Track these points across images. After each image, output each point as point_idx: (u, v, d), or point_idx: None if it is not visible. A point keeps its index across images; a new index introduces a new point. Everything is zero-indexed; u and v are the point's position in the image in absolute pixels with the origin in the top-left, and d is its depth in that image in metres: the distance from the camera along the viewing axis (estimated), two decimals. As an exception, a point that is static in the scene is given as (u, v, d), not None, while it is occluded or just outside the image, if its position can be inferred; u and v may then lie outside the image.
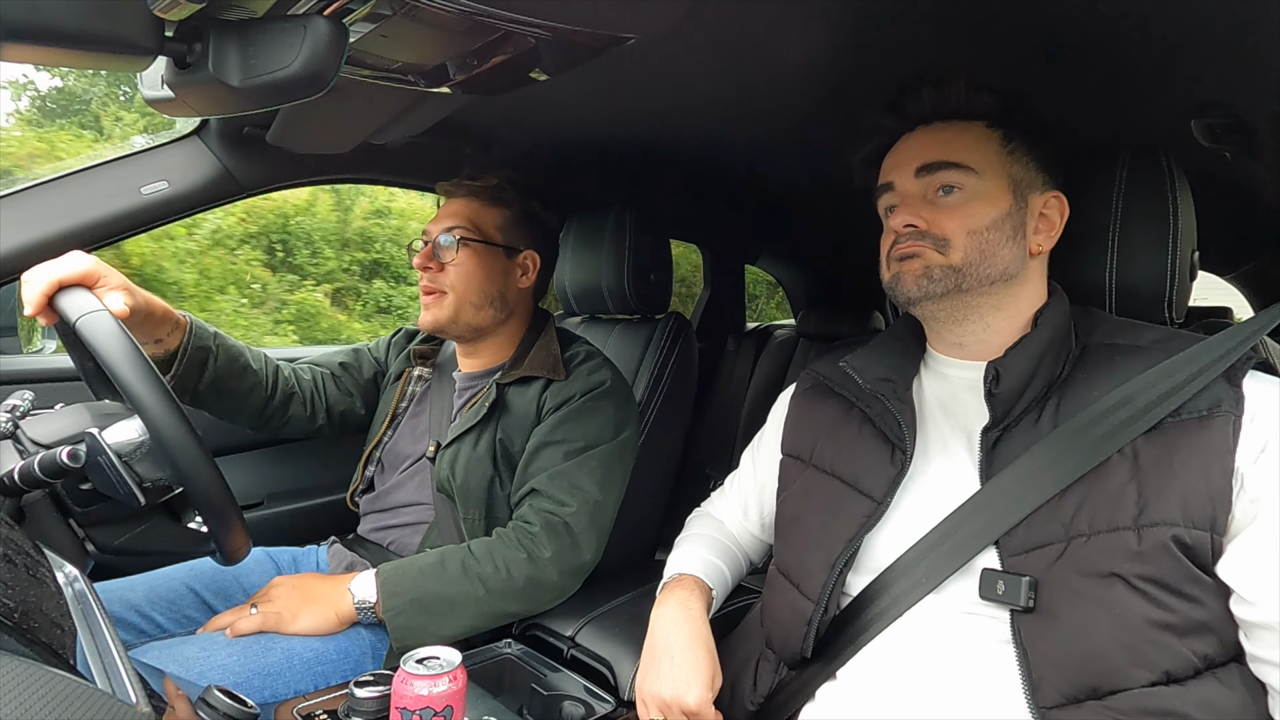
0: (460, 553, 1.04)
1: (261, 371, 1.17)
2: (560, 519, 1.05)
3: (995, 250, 0.75)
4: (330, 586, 1.01)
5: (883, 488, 0.77)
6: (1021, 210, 0.77)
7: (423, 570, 1.02)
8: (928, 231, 0.76)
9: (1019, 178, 0.77)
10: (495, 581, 1.01)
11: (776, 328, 2.18)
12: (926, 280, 0.75)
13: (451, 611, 1.00)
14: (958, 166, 0.76)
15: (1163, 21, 0.78)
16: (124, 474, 0.72)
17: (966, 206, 0.75)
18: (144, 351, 0.73)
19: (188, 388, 1.07)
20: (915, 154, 0.79)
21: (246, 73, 0.65)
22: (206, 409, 1.13)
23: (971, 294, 0.76)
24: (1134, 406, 0.68)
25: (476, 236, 1.14)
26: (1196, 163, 0.85)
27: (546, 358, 1.16)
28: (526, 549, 1.03)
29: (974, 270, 0.75)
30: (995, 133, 0.77)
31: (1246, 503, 0.63)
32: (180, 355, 1.03)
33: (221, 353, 1.09)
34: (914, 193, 0.78)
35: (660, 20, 0.78)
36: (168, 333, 1.02)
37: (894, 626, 0.74)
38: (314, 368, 1.28)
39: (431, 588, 1.00)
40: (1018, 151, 0.77)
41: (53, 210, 1.07)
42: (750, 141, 1.34)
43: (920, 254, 0.76)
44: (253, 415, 1.18)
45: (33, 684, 0.34)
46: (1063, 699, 0.65)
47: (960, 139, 0.77)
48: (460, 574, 1.01)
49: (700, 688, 0.78)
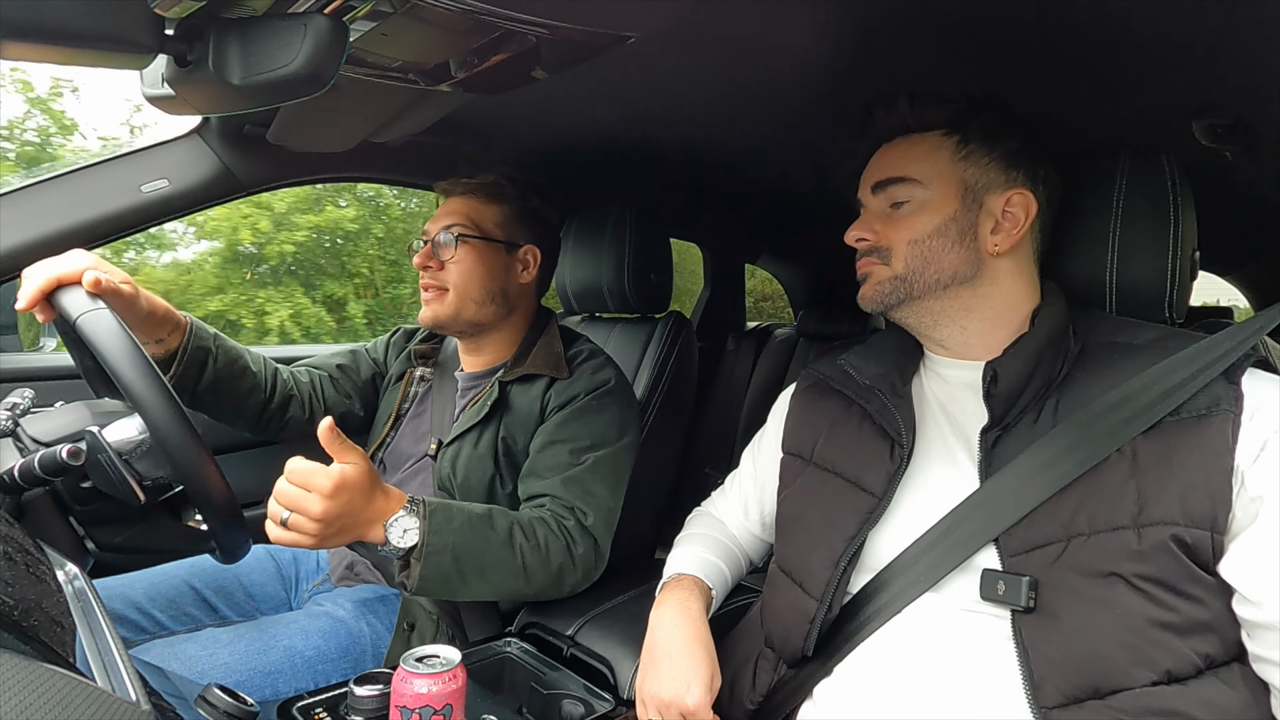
0: (510, 517, 0.99)
1: (261, 374, 1.17)
2: (585, 525, 1.05)
3: (938, 256, 0.77)
4: (378, 512, 0.87)
5: (883, 483, 0.77)
6: (972, 213, 0.78)
7: (471, 520, 0.94)
8: (876, 245, 0.81)
9: (973, 180, 0.78)
10: (534, 558, 0.97)
11: (776, 327, 2.18)
12: (879, 293, 0.80)
13: (482, 576, 0.93)
14: (904, 181, 0.79)
15: (1164, 22, 0.78)
16: (124, 472, 0.73)
17: (912, 218, 0.79)
18: (144, 350, 0.73)
19: (186, 389, 1.07)
20: (872, 172, 0.83)
21: (247, 71, 0.65)
22: (205, 411, 1.12)
23: (927, 299, 0.79)
24: (1133, 405, 0.68)
25: (475, 233, 1.14)
26: (1197, 163, 0.85)
27: (550, 356, 1.16)
28: (565, 538, 1.02)
29: (918, 277, 0.78)
30: (950, 139, 0.79)
31: (1247, 501, 0.63)
32: (180, 355, 1.04)
33: (221, 354, 1.09)
34: (874, 209, 0.83)
35: (661, 19, 0.78)
36: (168, 333, 1.02)
37: (892, 624, 0.74)
38: (312, 370, 1.27)
39: (474, 545, 0.92)
40: (975, 154, 0.78)
41: (53, 208, 1.07)
42: (750, 141, 1.34)
43: (871, 271, 0.81)
44: (251, 418, 1.17)
45: (33, 682, 0.34)
46: (1064, 699, 0.65)
47: (911, 152, 0.80)
48: (506, 538, 0.96)
49: (699, 688, 0.78)
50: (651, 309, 1.50)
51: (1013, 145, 0.79)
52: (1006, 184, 0.78)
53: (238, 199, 1.23)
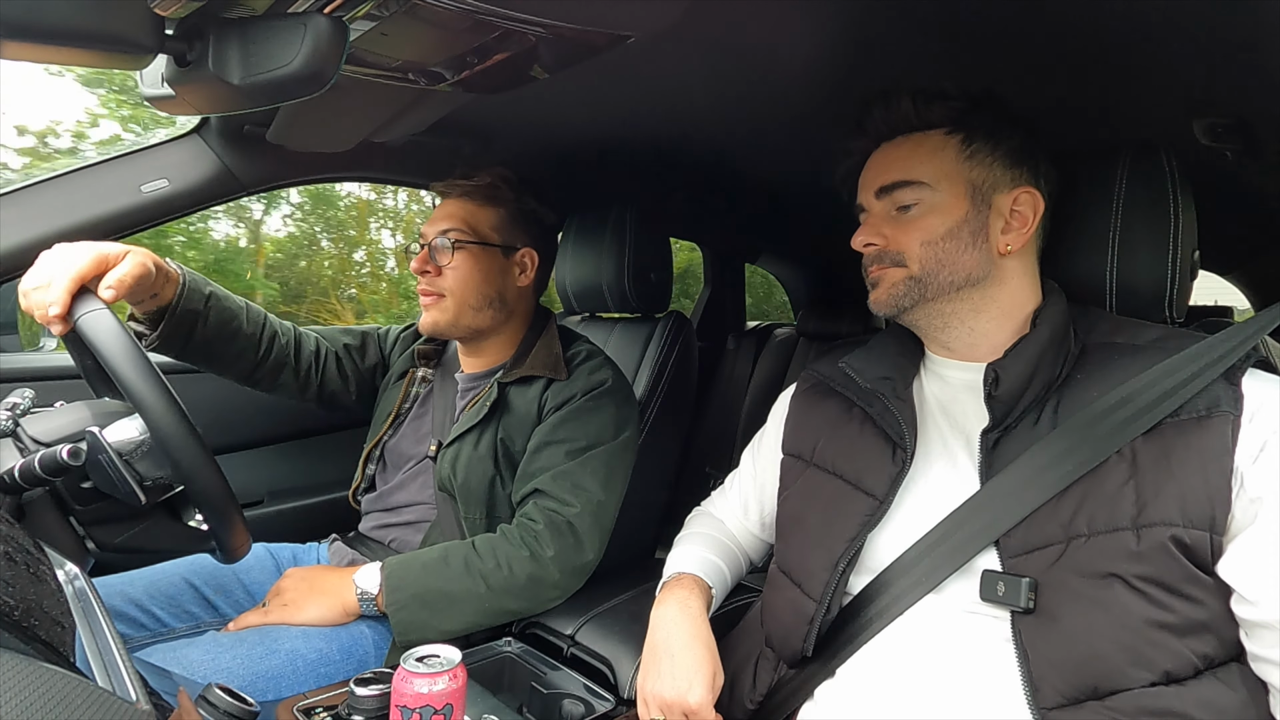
0: (464, 549, 1.04)
1: (255, 335, 1.15)
2: (564, 518, 1.05)
3: (953, 258, 0.77)
4: (338, 578, 1.02)
5: (884, 486, 0.77)
6: (982, 214, 0.77)
7: (426, 565, 1.02)
8: (886, 250, 0.79)
9: (979, 181, 0.77)
10: (497, 579, 1.01)
11: (776, 327, 2.18)
12: (894, 295, 0.79)
13: (453, 607, 1.00)
14: (911, 184, 0.78)
15: (1164, 21, 0.78)
16: (125, 473, 0.73)
17: (922, 220, 0.78)
18: (146, 352, 0.73)
19: (174, 346, 1.06)
20: (875, 175, 0.81)
21: (247, 71, 0.65)
22: (191, 363, 1.12)
23: (940, 301, 0.78)
24: (1133, 407, 0.68)
25: (472, 238, 1.14)
26: (1197, 162, 0.85)
27: (548, 357, 1.16)
28: (529, 547, 1.04)
29: (933, 279, 0.77)
30: (953, 138, 0.78)
31: (1246, 502, 0.63)
32: (170, 314, 1.03)
33: (213, 315, 1.08)
34: (879, 213, 0.81)
35: (660, 19, 0.77)
36: (160, 287, 1.01)
37: (894, 626, 0.74)
38: (320, 340, 1.27)
39: (434, 583, 1.00)
40: (979, 153, 0.77)
41: (53, 208, 1.07)
42: (750, 140, 1.34)
43: (883, 275, 0.80)
44: (239, 377, 1.18)
45: (33, 681, 0.34)
46: (1063, 700, 0.65)
47: (916, 153, 0.79)
48: (463, 570, 1.01)
49: (701, 687, 0.78)
50: (651, 308, 1.50)
51: (1015, 142, 0.78)
52: (1012, 182, 0.78)
53: (238, 199, 1.23)
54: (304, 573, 1.04)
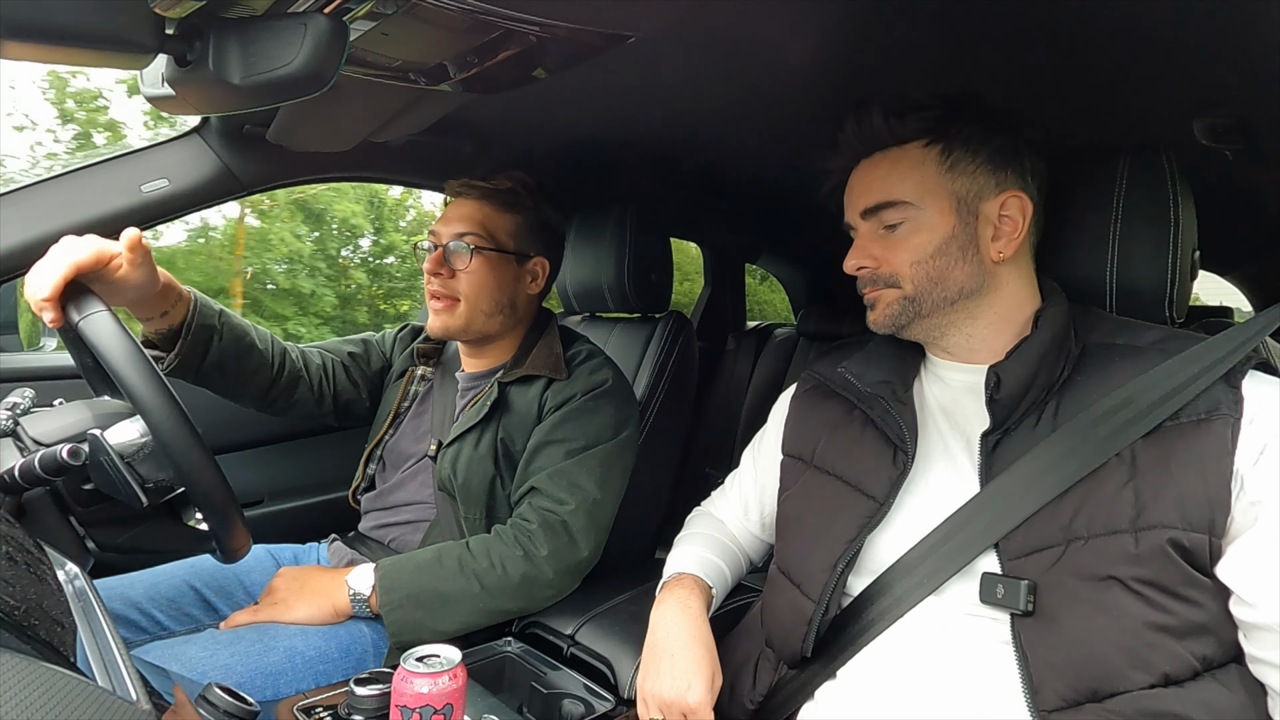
0: (457, 549, 1.04)
1: (267, 352, 1.15)
2: (558, 517, 1.05)
3: (946, 273, 0.77)
4: (330, 579, 1.02)
5: (884, 488, 0.77)
6: (970, 224, 0.76)
7: (420, 566, 1.02)
8: (878, 271, 0.79)
9: (964, 191, 0.76)
10: (491, 579, 1.01)
11: (776, 327, 2.18)
12: (890, 315, 0.80)
13: (447, 608, 1.00)
14: (894, 204, 0.77)
15: (1164, 22, 0.78)
16: (127, 475, 0.72)
17: (910, 239, 0.77)
18: (146, 352, 0.73)
19: (191, 366, 1.06)
20: (858, 196, 0.81)
21: (247, 70, 0.65)
22: (209, 387, 1.11)
23: (937, 315, 0.79)
24: (1134, 409, 0.68)
25: (490, 244, 1.12)
26: (1197, 163, 0.85)
27: (548, 357, 1.15)
28: (523, 546, 1.04)
29: (927, 297, 0.78)
30: (932, 150, 0.77)
31: (1246, 505, 0.63)
32: (185, 332, 1.02)
33: (227, 331, 1.08)
34: (866, 233, 0.81)
35: (660, 19, 0.78)
36: (172, 304, 1.00)
37: (895, 627, 0.74)
38: (324, 353, 1.27)
39: (428, 584, 1.00)
40: (960, 163, 0.76)
41: (53, 208, 1.07)
42: (750, 141, 1.34)
43: (878, 296, 0.81)
44: (257, 396, 1.16)
45: (33, 681, 0.34)
46: (1063, 702, 0.65)
47: (895, 170, 0.78)
48: (457, 571, 1.01)
49: (701, 687, 0.78)
50: (652, 309, 1.50)
51: (996, 144, 0.77)
52: (998, 187, 0.77)
53: (238, 198, 1.23)
54: (296, 572, 1.04)
